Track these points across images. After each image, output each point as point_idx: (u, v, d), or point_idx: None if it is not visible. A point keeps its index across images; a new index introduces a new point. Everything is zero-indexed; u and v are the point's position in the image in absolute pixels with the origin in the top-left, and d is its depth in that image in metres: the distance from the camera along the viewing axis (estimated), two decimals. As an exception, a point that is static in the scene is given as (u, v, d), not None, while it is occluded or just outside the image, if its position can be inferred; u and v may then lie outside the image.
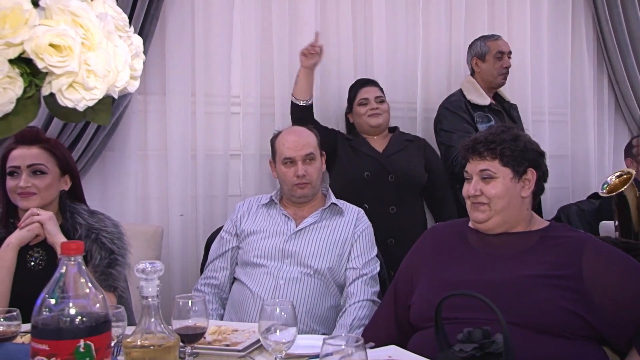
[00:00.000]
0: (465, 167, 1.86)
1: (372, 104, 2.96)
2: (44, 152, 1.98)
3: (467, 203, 1.84)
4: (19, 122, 0.92)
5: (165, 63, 2.98)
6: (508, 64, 3.21)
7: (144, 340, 1.14)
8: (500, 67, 3.20)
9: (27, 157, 1.95)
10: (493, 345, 1.31)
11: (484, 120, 3.09)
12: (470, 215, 1.84)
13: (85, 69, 0.92)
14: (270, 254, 2.22)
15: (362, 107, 2.97)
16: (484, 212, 1.79)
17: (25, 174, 1.94)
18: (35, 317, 0.95)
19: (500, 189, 1.78)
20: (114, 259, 1.96)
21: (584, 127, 3.85)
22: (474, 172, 1.82)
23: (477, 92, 3.18)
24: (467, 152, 1.84)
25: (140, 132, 3.00)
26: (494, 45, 3.22)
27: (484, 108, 3.15)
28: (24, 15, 0.87)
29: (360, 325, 2.09)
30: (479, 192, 1.79)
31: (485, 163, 1.80)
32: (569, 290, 1.64)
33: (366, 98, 2.97)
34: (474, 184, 1.81)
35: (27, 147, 1.97)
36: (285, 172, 2.31)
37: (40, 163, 1.96)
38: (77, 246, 0.98)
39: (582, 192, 3.71)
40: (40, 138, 2.00)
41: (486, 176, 1.80)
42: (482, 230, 1.83)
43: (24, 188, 1.93)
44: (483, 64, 3.23)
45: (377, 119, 2.95)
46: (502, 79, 3.22)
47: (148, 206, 3.02)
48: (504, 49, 3.21)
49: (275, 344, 1.38)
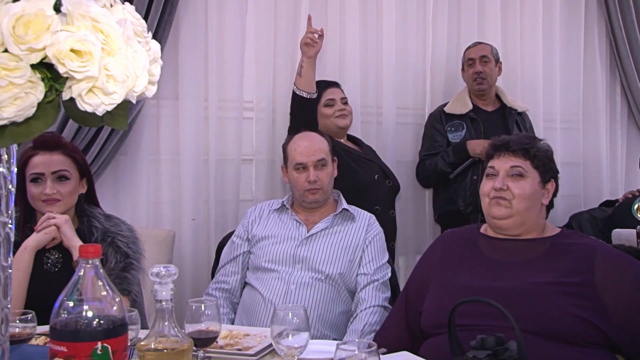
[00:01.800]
0: (490, 163, 1.85)
1: (339, 105, 2.90)
2: (66, 157, 1.99)
3: (485, 201, 1.83)
4: (39, 126, 0.93)
5: (178, 68, 3.00)
6: (478, 68, 3.22)
7: (158, 344, 1.14)
8: (472, 73, 3.24)
9: (52, 164, 1.96)
10: (506, 352, 1.30)
11: (457, 129, 3.17)
12: (489, 211, 1.82)
13: (105, 74, 0.93)
14: (282, 259, 2.23)
15: (329, 108, 2.89)
16: (506, 209, 1.78)
17: (49, 180, 1.94)
18: (54, 319, 0.96)
19: (527, 189, 1.79)
20: (129, 262, 1.97)
21: (596, 134, 3.84)
22: (501, 168, 1.81)
23: (460, 101, 3.25)
24: (496, 149, 1.84)
25: (153, 136, 3.02)
26: (467, 53, 3.29)
27: (462, 117, 3.19)
28: (46, 21, 0.88)
29: (371, 331, 2.09)
30: (506, 187, 1.78)
31: (518, 160, 1.81)
32: (581, 298, 1.64)
33: (332, 99, 2.90)
34: (501, 178, 1.80)
35: (50, 153, 1.97)
36: (296, 177, 2.31)
37: (64, 169, 1.97)
38: (95, 249, 0.99)
39: (594, 200, 3.69)
40: (62, 143, 2.02)
41: (516, 173, 1.80)
42: (498, 228, 1.81)
43: (50, 195, 1.93)
44: (464, 73, 3.32)
45: (345, 120, 2.90)
46: (476, 84, 3.23)
47: (160, 210, 3.04)
48: (473, 55, 3.24)
49: (287, 348, 1.39)
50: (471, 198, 3.07)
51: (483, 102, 3.28)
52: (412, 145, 3.45)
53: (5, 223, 1.01)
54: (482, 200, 1.85)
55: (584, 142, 3.81)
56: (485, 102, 3.29)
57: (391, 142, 3.37)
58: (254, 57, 3.16)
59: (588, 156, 3.82)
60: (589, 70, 3.83)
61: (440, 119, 3.23)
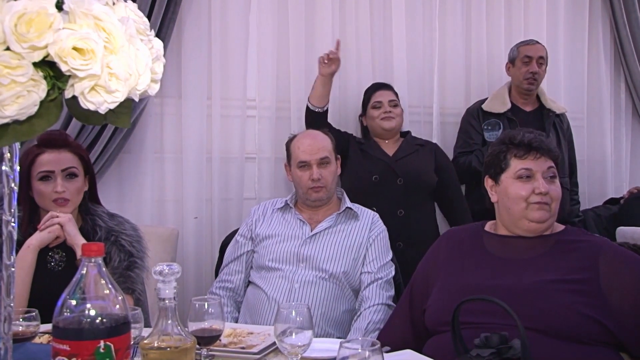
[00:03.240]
0: (523, 164, 1.77)
1: (386, 107, 2.96)
2: (74, 155, 1.99)
3: (520, 205, 1.76)
4: (42, 124, 0.93)
5: (181, 66, 3.00)
6: (534, 68, 3.18)
7: (161, 342, 1.14)
8: (525, 71, 3.19)
9: (61, 162, 1.96)
10: (510, 350, 1.30)
11: (493, 128, 3.11)
12: (527, 214, 1.76)
13: (107, 72, 0.93)
14: (285, 258, 2.23)
15: (376, 110, 2.97)
16: (547, 212, 1.75)
17: (60, 178, 1.94)
18: (57, 317, 0.96)
19: (560, 191, 1.78)
20: (133, 261, 1.97)
21: (600, 132, 3.82)
22: (539, 170, 1.76)
23: (499, 99, 3.21)
24: (529, 148, 1.77)
25: (157, 134, 3.02)
26: (523, 50, 3.23)
27: (499, 115, 3.15)
28: (48, 19, 0.88)
29: (375, 329, 2.09)
30: (547, 190, 1.74)
31: (550, 161, 1.78)
32: (586, 295, 1.63)
33: (380, 101, 2.97)
34: (543, 182, 1.75)
35: (58, 151, 1.97)
36: (300, 175, 2.31)
37: (73, 166, 1.97)
38: (98, 248, 0.99)
39: (599, 198, 3.68)
40: (69, 141, 2.02)
41: (552, 175, 1.77)
42: (531, 231, 1.78)
43: (61, 193, 1.93)
44: (512, 68, 3.26)
45: (390, 122, 2.95)
46: (527, 83, 3.20)
47: (164, 208, 3.04)
48: (532, 53, 3.20)
49: (291, 346, 1.39)
50: None
51: (523, 101, 3.25)
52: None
53: (8, 221, 1.01)
54: (516, 204, 1.77)
55: (588, 140, 3.79)
56: (526, 101, 3.26)
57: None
58: (257, 56, 3.16)
59: (592, 154, 3.80)
60: (593, 68, 3.81)
61: (477, 116, 3.19)
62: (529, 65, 3.19)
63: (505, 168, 1.81)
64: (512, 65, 3.26)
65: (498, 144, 1.85)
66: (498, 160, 1.83)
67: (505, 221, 1.83)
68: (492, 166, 1.85)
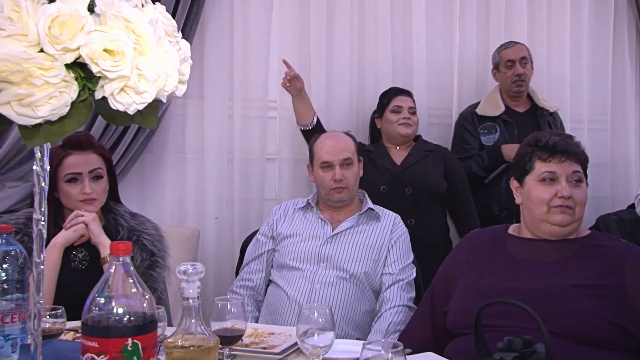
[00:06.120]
0: (546, 167, 1.75)
1: (405, 114, 2.94)
2: (99, 157, 2.02)
3: (542, 208, 1.74)
4: (72, 124, 0.94)
5: (203, 67, 3.02)
6: (519, 70, 3.16)
7: (185, 341, 1.15)
8: (511, 75, 3.17)
9: (88, 163, 1.98)
10: (534, 355, 1.29)
11: (490, 132, 3.11)
12: (549, 218, 1.74)
13: (136, 73, 0.95)
14: (306, 258, 2.23)
15: (395, 114, 2.95)
16: (570, 217, 1.73)
17: (87, 179, 1.97)
18: (86, 315, 0.98)
19: (585, 196, 1.75)
20: (155, 260, 1.99)
21: (624, 134, 3.78)
22: (563, 173, 1.74)
23: (491, 102, 3.20)
24: (554, 151, 1.75)
25: (179, 135, 3.04)
26: (504, 54, 3.21)
27: (494, 119, 3.14)
28: (80, 22, 0.89)
29: (395, 331, 2.09)
30: (569, 194, 1.72)
31: (577, 165, 1.75)
32: (611, 301, 1.61)
33: (400, 106, 2.95)
34: (567, 186, 1.73)
35: (84, 153, 1.99)
36: (322, 176, 2.32)
37: (99, 167, 2.00)
38: (126, 247, 1.00)
39: (622, 202, 3.62)
40: (94, 143, 2.05)
41: (577, 179, 1.75)
42: (554, 235, 1.76)
43: (89, 194, 1.96)
44: (498, 73, 3.25)
45: (407, 129, 2.93)
46: (515, 86, 3.18)
47: (185, 208, 3.06)
48: (513, 56, 3.18)
49: (312, 347, 1.39)
50: (506, 203, 3.02)
51: (515, 102, 3.24)
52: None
53: (38, 220, 1.03)
54: (538, 207, 1.75)
55: (611, 143, 3.75)
56: (518, 102, 3.24)
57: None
58: (278, 57, 3.16)
59: (616, 157, 3.76)
60: (617, 70, 3.76)
61: (472, 120, 3.18)
62: (512, 69, 3.17)
63: (529, 170, 1.79)
64: (497, 71, 3.25)
65: (525, 146, 1.84)
66: (523, 162, 1.81)
67: (529, 224, 1.81)
68: (517, 168, 1.84)
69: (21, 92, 0.88)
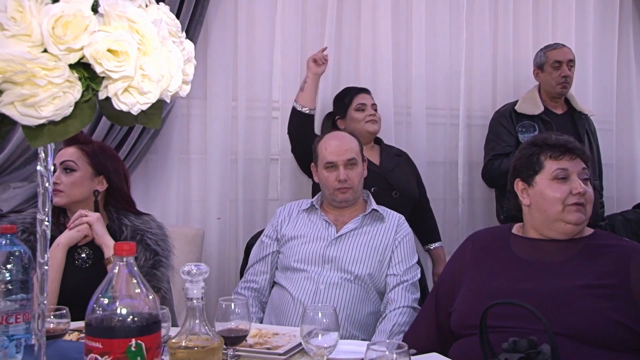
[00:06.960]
0: (560, 164, 1.75)
1: (370, 110, 2.91)
2: (78, 151, 2.04)
3: (557, 207, 1.73)
4: (76, 125, 0.94)
5: (207, 68, 3.03)
6: (566, 72, 3.17)
7: (189, 342, 1.15)
8: (557, 76, 3.18)
9: (63, 156, 2.03)
10: (539, 355, 1.28)
11: (528, 130, 3.09)
12: (565, 217, 1.73)
13: (140, 73, 0.94)
14: (311, 259, 2.23)
15: (360, 112, 2.90)
16: (583, 215, 1.73)
17: (58, 170, 2.01)
18: (89, 315, 0.98)
19: (593, 193, 1.75)
20: (158, 260, 1.99)
21: (630, 134, 3.77)
22: (575, 170, 1.74)
23: (530, 101, 3.19)
24: (565, 150, 1.75)
25: (183, 135, 3.05)
26: (551, 55, 3.21)
27: (533, 118, 3.14)
28: (84, 22, 0.89)
29: (400, 332, 2.08)
30: (584, 190, 1.72)
31: (584, 164, 1.76)
32: (616, 300, 1.61)
33: (364, 104, 2.92)
34: (580, 183, 1.73)
35: (66, 147, 2.05)
36: (327, 176, 2.32)
37: (70, 160, 2.02)
38: (130, 247, 1.00)
39: (628, 202, 3.62)
40: (78, 139, 2.07)
41: (586, 176, 1.75)
42: (567, 234, 1.75)
43: (55, 185, 1.98)
44: (542, 73, 3.24)
45: (375, 125, 2.90)
46: (560, 88, 3.19)
47: (189, 209, 3.07)
48: (561, 58, 3.18)
49: (317, 348, 1.39)
50: None
51: (554, 104, 3.24)
52: (443, 146, 3.43)
53: (42, 220, 1.03)
54: (552, 205, 1.74)
55: (617, 143, 3.74)
56: (556, 104, 3.24)
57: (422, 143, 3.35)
58: (282, 58, 3.18)
59: (621, 157, 3.75)
60: (623, 70, 3.75)
61: (510, 118, 3.17)
62: (560, 70, 3.17)
63: (539, 170, 1.78)
64: (540, 70, 3.24)
65: (528, 147, 1.83)
66: (530, 163, 1.80)
67: (538, 224, 1.80)
68: (523, 169, 1.82)
69: (25, 92, 0.88)
